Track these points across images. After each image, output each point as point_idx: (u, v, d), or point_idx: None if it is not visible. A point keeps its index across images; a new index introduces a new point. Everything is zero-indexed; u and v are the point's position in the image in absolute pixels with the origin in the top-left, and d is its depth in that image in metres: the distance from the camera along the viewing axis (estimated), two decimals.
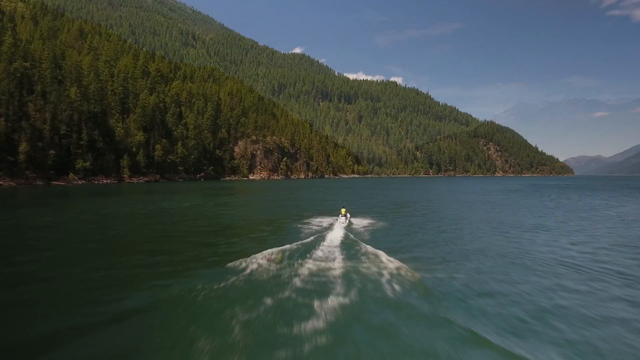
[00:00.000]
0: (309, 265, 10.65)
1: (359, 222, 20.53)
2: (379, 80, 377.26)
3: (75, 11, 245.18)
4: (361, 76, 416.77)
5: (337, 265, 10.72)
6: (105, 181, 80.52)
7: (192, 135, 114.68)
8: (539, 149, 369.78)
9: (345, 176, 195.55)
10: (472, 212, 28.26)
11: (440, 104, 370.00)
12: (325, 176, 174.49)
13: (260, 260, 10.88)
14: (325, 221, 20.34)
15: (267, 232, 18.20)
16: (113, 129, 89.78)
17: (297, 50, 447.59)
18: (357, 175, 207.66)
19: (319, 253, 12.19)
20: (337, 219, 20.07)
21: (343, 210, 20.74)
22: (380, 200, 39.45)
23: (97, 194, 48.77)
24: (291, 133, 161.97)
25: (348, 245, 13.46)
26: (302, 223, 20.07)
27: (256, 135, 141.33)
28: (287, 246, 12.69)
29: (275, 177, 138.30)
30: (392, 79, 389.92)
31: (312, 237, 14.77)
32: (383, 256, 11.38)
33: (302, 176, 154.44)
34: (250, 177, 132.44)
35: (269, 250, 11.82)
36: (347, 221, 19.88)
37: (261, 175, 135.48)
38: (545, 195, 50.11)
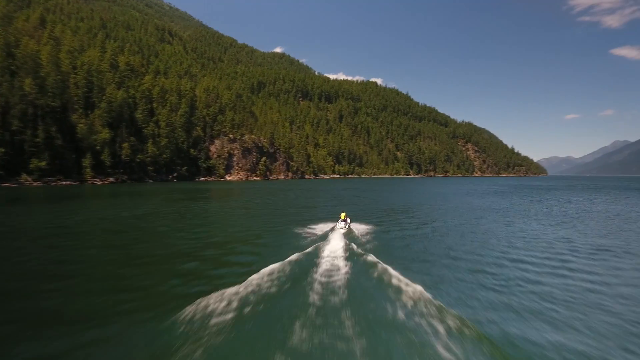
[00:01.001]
0: (310, 282, 10.04)
1: (358, 228, 19.57)
2: (359, 81, 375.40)
3: (43, 2, 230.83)
4: (341, 77, 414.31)
5: (340, 283, 10.04)
6: (64, 183, 73.27)
7: (164, 133, 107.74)
8: (515, 150, 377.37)
9: (325, 177, 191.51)
10: (480, 221, 24.49)
11: (420, 104, 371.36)
12: (306, 177, 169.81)
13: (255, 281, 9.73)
14: (324, 227, 19.49)
15: (255, 246, 16.43)
16: (74, 125, 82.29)
17: (278, 50, 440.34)
18: (338, 176, 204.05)
19: (319, 268, 11.41)
20: (336, 224, 19.26)
21: (343, 215, 19.74)
22: (371, 207, 35.19)
23: (52, 197, 42.82)
24: (270, 132, 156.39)
25: (350, 258, 12.72)
26: (299, 228, 19.50)
27: (233, 134, 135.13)
28: (287, 260, 11.86)
29: (254, 178, 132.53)
30: (372, 79, 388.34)
31: (310, 248, 13.96)
32: (394, 275, 10.40)
33: (282, 177, 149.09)
34: (227, 178, 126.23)
35: (268, 268, 10.77)
36: (347, 227, 19.01)
37: (239, 175, 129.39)
38: (549, 197, 47.14)
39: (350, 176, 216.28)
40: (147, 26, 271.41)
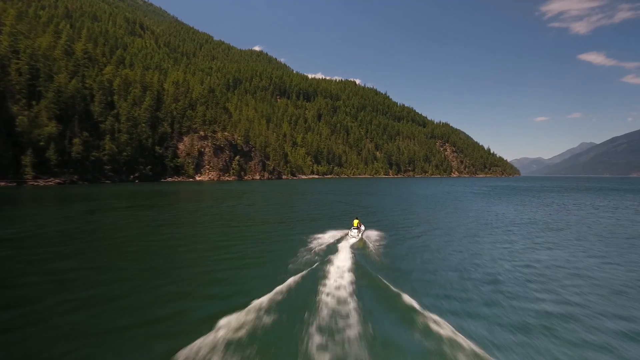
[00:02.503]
0: (313, 305, 9.20)
1: (372, 239, 17.89)
2: (337, 80, 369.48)
3: None
4: (320, 76, 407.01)
5: (346, 311, 8.93)
6: None
7: (124, 128, 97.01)
8: (491, 151, 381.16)
9: (304, 177, 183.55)
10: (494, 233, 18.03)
11: (398, 104, 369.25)
12: (283, 177, 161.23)
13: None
14: (331, 237, 17.86)
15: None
16: (13, 116, 71.05)
17: (256, 49, 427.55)
18: (316, 176, 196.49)
19: (323, 296, 9.93)
20: (348, 233, 18.19)
21: (355, 222, 18.63)
22: (367, 218, 27.73)
23: None
24: (245, 129, 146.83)
25: (359, 281, 11.15)
26: (308, 237, 17.82)
27: (205, 131, 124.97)
28: (287, 282, 10.71)
29: (227, 178, 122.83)
30: (351, 79, 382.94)
31: (315, 266, 12.75)
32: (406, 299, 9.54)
33: (257, 177, 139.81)
34: (197, 178, 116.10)
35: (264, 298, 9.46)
36: (361, 235, 17.92)
37: (210, 175, 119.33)
38: (548, 198, 41.07)
39: (329, 176, 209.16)
40: (115, 18, 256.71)
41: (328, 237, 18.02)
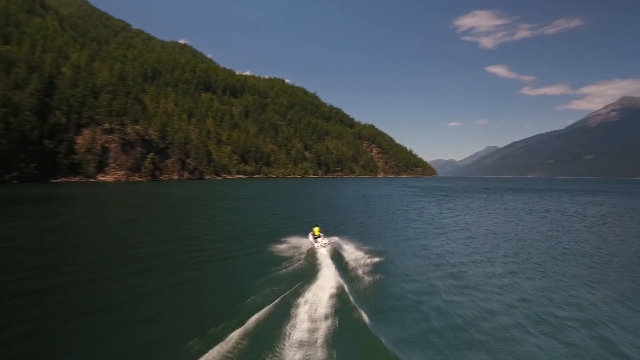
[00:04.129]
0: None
1: (348, 251, 15.18)
2: (266, 77, 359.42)
3: None
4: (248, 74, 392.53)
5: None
6: None
7: None
8: (413, 152, 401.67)
9: (229, 177, 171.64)
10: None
11: (327, 104, 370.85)
12: (206, 177, 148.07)
13: None
14: (296, 246, 15.84)
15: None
16: None
17: (181, 42, 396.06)
18: (243, 176, 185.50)
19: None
20: (313, 244, 15.56)
21: (316, 230, 16.36)
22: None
23: None
24: (162, 123, 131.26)
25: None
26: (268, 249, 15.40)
27: (111, 123, 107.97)
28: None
29: (137, 178, 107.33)
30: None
31: (290, 290, 10.17)
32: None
33: (175, 177, 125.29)
34: (100, 178, 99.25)
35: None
36: (327, 243, 15.37)
37: (116, 175, 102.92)
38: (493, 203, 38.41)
39: (257, 176, 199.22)
40: None
41: (289, 249, 15.52)
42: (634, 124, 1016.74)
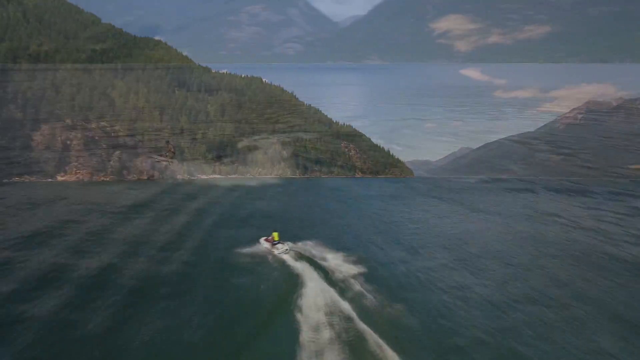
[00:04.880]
0: None
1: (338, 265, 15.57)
2: (243, 76, 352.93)
3: None
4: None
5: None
6: None
7: None
8: (390, 153, 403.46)
9: (204, 176, 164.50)
10: None
11: (305, 104, 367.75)
12: (178, 177, 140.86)
13: None
14: (253, 254, 15.38)
15: None
16: None
17: (156, 38, 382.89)
18: (218, 176, 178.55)
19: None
20: (271, 250, 15.30)
21: (276, 235, 17.28)
22: None
23: None
24: (132, 120, 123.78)
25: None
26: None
27: (73, 119, 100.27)
28: None
29: (102, 178, 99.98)
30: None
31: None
32: None
33: (145, 177, 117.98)
34: (59, 178, 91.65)
35: None
36: (288, 249, 16.18)
37: (78, 175, 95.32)
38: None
39: (234, 176, 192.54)
40: None
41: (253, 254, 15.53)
42: (598, 126, 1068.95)
